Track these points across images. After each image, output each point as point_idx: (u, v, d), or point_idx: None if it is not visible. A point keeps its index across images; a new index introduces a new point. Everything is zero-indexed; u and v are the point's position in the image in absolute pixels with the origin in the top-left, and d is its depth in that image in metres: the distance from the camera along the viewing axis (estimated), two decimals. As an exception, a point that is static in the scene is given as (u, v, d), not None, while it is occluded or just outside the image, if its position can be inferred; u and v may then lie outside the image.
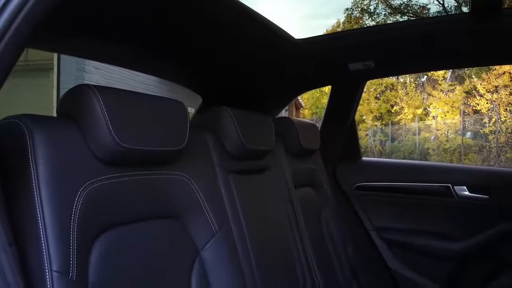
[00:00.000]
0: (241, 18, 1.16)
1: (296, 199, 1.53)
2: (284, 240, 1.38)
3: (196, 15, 1.08)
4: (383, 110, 16.75)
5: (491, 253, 1.84)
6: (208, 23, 1.14)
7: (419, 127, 14.35)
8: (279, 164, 1.51)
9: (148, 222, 0.87)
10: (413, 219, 1.97)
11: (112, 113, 0.77)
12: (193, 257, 0.95)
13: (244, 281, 1.08)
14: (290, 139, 1.57)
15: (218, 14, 1.11)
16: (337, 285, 1.63)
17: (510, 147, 11.83)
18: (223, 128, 1.19)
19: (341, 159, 2.11)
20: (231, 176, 1.19)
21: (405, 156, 13.49)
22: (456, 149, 12.87)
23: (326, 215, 1.74)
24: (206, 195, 1.01)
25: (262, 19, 1.21)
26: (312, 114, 18.03)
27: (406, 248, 1.95)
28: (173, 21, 1.08)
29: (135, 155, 0.82)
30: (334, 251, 1.69)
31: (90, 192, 0.74)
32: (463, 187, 1.90)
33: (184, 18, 1.08)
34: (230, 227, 1.10)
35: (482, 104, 13.51)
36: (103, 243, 0.76)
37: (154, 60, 1.36)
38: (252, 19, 1.20)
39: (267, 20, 1.24)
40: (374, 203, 2.03)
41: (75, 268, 0.68)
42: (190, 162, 1.00)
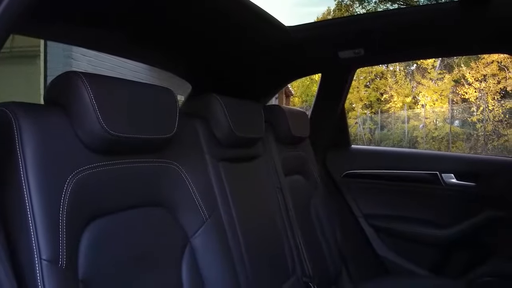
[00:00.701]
0: (231, 4, 1.15)
1: (286, 186, 1.54)
2: (274, 227, 1.39)
3: (185, 2, 1.07)
4: (372, 98, 16.81)
5: (477, 239, 1.88)
6: (197, 9, 1.12)
7: (408, 115, 14.44)
8: (269, 152, 1.51)
9: (138, 210, 0.87)
10: (401, 206, 1.99)
11: (100, 101, 0.76)
12: (183, 245, 0.95)
13: (234, 268, 1.08)
14: (280, 127, 1.57)
15: (207, 1, 1.10)
16: (327, 271, 1.65)
17: (497, 136, 11.98)
18: (212, 115, 1.19)
19: (330, 147, 2.12)
20: (221, 164, 1.19)
21: (394, 144, 13.60)
22: (444, 137, 13.00)
23: (316, 203, 1.75)
24: (196, 183, 1.01)
25: (252, 5, 1.20)
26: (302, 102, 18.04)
27: (394, 235, 1.98)
28: (162, 8, 1.06)
29: (124, 143, 0.82)
30: (323, 238, 1.71)
31: (79, 180, 0.74)
32: (450, 174, 1.93)
33: (173, 5, 1.06)
34: (220, 215, 1.10)
35: (470, 93, 13.63)
36: (92, 231, 0.76)
37: (143, 47, 1.35)
38: (242, 6, 1.19)
39: (257, 6, 1.23)
40: (363, 190, 2.05)
41: (64, 257, 0.68)
42: (180, 150, 1.00)
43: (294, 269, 1.41)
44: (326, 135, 2.09)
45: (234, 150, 1.27)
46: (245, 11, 1.22)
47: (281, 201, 1.48)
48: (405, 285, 1.67)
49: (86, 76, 0.77)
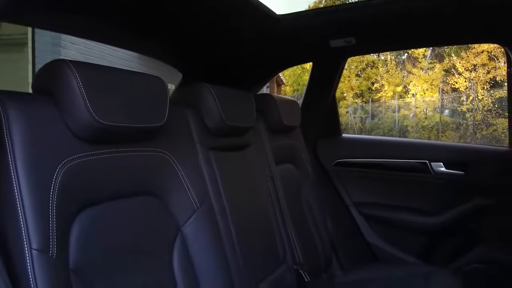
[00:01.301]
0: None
1: (277, 175, 1.54)
2: (265, 216, 1.39)
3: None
4: (363, 88, 16.84)
5: (465, 227, 1.91)
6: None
7: (399, 104, 14.51)
8: (260, 141, 1.51)
9: (128, 199, 0.87)
10: (391, 195, 2.01)
11: (90, 89, 0.76)
12: (175, 233, 0.96)
13: (226, 256, 1.09)
14: (271, 115, 1.57)
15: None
16: (317, 259, 1.67)
17: (486, 125, 12.09)
18: (203, 104, 1.18)
19: (321, 135, 2.13)
20: (212, 153, 1.19)
21: (385, 133, 13.67)
22: (434, 126, 13.09)
23: (307, 191, 1.76)
24: (187, 172, 1.01)
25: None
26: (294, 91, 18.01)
27: (384, 223, 2.00)
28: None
29: (114, 132, 0.81)
30: (314, 226, 1.72)
31: (68, 169, 0.73)
32: (439, 163, 1.95)
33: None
34: (211, 204, 1.10)
35: (460, 82, 13.70)
36: (83, 220, 0.76)
37: (133, 35, 1.33)
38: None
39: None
40: (353, 179, 2.07)
41: (55, 246, 0.68)
42: (171, 139, 1.00)
43: (284, 256, 1.42)
44: (317, 124, 2.09)
45: (225, 139, 1.27)
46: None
47: (272, 189, 1.49)
48: (393, 272, 1.70)
49: (75, 64, 0.76)
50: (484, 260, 1.86)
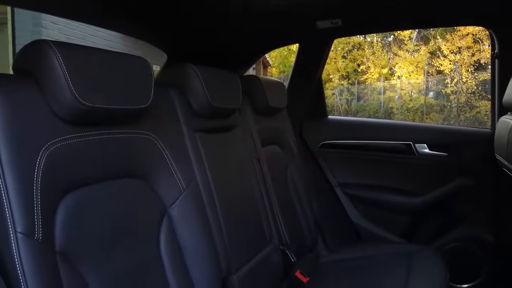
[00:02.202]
0: None
1: (263, 157, 1.55)
2: (251, 197, 1.40)
3: None
4: (349, 69, 16.85)
5: (447, 207, 1.95)
6: None
7: (384, 86, 14.58)
8: (246, 123, 1.51)
9: (114, 181, 0.87)
10: (375, 176, 2.04)
11: (72, 70, 0.74)
12: (161, 215, 0.96)
13: (212, 237, 1.10)
14: (257, 97, 1.57)
15: None
16: (303, 238, 1.69)
17: (470, 107, 12.26)
18: (189, 86, 1.17)
19: (307, 117, 2.13)
20: (198, 135, 1.19)
21: (370, 115, 13.76)
22: (418, 108, 13.22)
23: (292, 173, 1.77)
24: (172, 154, 1.00)
25: None
26: (280, 73, 17.93)
27: (368, 203, 2.04)
28: None
29: (98, 114, 0.80)
30: (300, 207, 1.74)
31: (52, 152, 0.72)
32: (423, 144, 1.98)
33: None
34: (198, 185, 1.11)
35: (445, 65, 13.80)
36: (68, 203, 0.75)
37: (116, 16, 1.31)
38: None
39: None
40: (339, 160, 2.09)
41: (40, 229, 0.68)
42: (156, 121, 0.99)
43: (271, 237, 1.44)
44: (303, 105, 2.09)
45: (211, 120, 1.26)
46: None
47: (258, 171, 1.49)
48: (377, 250, 1.73)
49: (57, 45, 0.74)
50: (464, 238, 1.91)
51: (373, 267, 1.59)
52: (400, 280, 1.45)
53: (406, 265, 1.55)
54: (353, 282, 1.52)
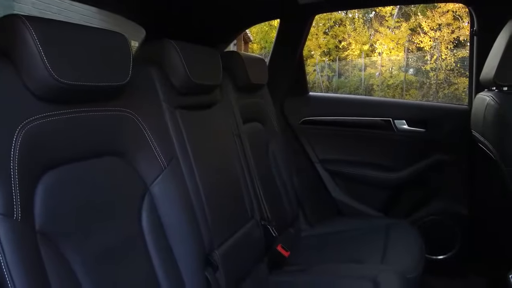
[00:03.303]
0: None
1: (244, 133, 1.55)
2: (232, 173, 1.41)
3: None
4: (331, 46, 16.80)
5: (424, 181, 2.00)
6: None
7: (365, 63, 14.62)
8: (227, 99, 1.51)
9: (93, 160, 0.86)
10: (355, 151, 2.07)
11: (47, 47, 0.72)
12: (142, 193, 0.96)
13: (194, 213, 1.10)
14: (238, 73, 1.56)
15: None
16: (284, 214, 1.72)
17: (448, 84, 12.43)
18: (168, 62, 1.15)
19: (289, 94, 2.13)
20: (178, 112, 1.18)
21: (351, 92, 13.83)
22: (398, 85, 13.34)
23: (274, 149, 1.78)
24: (153, 131, 0.99)
25: None
26: (261, 49, 17.77)
27: (348, 178, 2.07)
28: None
29: (75, 91, 0.79)
30: (281, 183, 1.76)
31: (29, 131, 0.71)
32: (402, 121, 2.01)
33: None
34: (179, 162, 1.10)
35: (425, 42, 13.88)
36: (47, 182, 0.75)
37: None
38: None
39: None
40: (319, 136, 2.11)
41: (19, 209, 0.67)
42: (135, 98, 0.98)
43: (252, 213, 1.46)
44: (284, 82, 2.09)
45: (191, 97, 1.25)
46: None
47: (240, 147, 1.50)
48: (356, 224, 1.78)
49: (30, 20, 0.72)
50: (440, 212, 1.97)
51: (352, 240, 1.64)
52: (378, 253, 1.49)
53: (384, 238, 1.60)
54: (333, 254, 1.56)
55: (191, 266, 1.00)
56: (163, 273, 0.93)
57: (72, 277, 0.74)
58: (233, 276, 1.23)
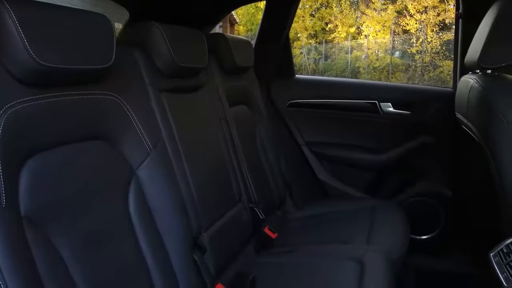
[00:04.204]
0: None
1: (231, 116, 1.55)
2: (219, 156, 1.41)
3: None
4: (317, 28, 16.72)
5: (409, 163, 2.03)
6: None
7: (352, 45, 14.60)
8: (212, 82, 1.49)
9: (78, 144, 0.85)
10: (342, 134, 2.08)
11: (28, 29, 0.70)
12: (129, 177, 0.95)
13: (181, 197, 1.10)
14: (223, 56, 1.55)
15: None
16: (271, 197, 1.73)
17: (434, 67, 12.50)
18: (153, 44, 1.14)
19: (275, 76, 2.13)
20: (163, 95, 1.17)
21: (337, 74, 13.84)
22: (385, 68, 13.38)
23: (260, 132, 1.78)
24: (138, 115, 0.99)
25: None
26: (247, 31, 17.60)
27: (335, 161, 2.09)
28: None
29: (57, 74, 0.77)
30: (268, 166, 1.76)
31: (11, 115, 0.70)
32: (388, 103, 2.02)
33: None
34: (165, 146, 1.10)
35: (411, 24, 13.89)
36: (32, 167, 0.74)
37: None
38: None
39: None
40: (306, 119, 2.11)
41: (3, 195, 0.66)
42: (120, 81, 0.96)
43: (240, 196, 1.46)
44: (270, 64, 2.08)
45: (177, 80, 1.24)
46: None
47: (226, 131, 1.49)
48: (343, 206, 1.80)
49: (10, 2, 0.70)
50: (424, 193, 2.00)
51: (339, 222, 1.66)
52: (364, 233, 1.52)
53: (369, 219, 1.62)
54: (319, 236, 1.58)
55: (179, 249, 1.01)
56: (151, 256, 0.94)
57: (60, 262, 0.74)
58: (221, 258, 1.24)
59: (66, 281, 0.74)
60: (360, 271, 1.24)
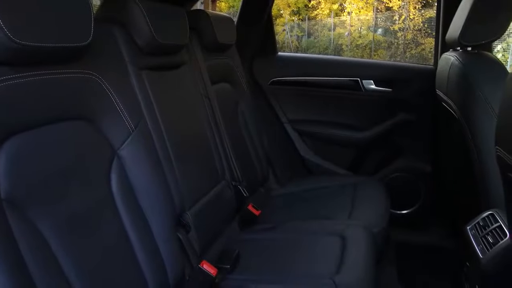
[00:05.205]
0: None
1: (213, 95, 1.54)
2: (202, 135, 1.41)
3: None
4: (300, 5, 16.55)
5: (390, 140, 2.06)
6: None
7: (335, 22, 14.53)
8: (194, 60, 1.48)
9: (58, 124, 0.83)
10: (324, 111, 2.10)
11: (2, 7, 0.68)
12: (111, 157, 0.94)
13: (164, 176, 1.10)
14: (205, 33, 1.53)
15: None
16: (254, 174, 1.74)
17: (415, 44, 12.55)
18: (132, 21, 1.11)
19: (257, 54, 2.11)
20: (144, 73, 1.15)
21: (320, 52, 13.80)
22: (367, 45, 13.38)
23: (243, 110, 1.78)
24: (118, 94, 0.97)
25: None
26: (229, 8, 17.33)
27: (317, 138, 2.11)
28: None
29: (33, 52, 0.75)
30: (251, 143, 1.77)
31: None
32: (370, 81, 2.03)
33: None
34: (147, 125, 1.09)
35: (394, 1, 13.86)
36: (10, 148, 0.72)
37: None
38: None
39: None
40: (289, 97, 2.11)
41: None
42: (99, 60, 0.94)
43: (223, 174, 1.47)
44: (253, 42, 2.06)
45: (157, 58, 1.22)
46: None
47: (209, 109, 1.49)
48: (326, 183, 1.82)
49: None
50: (405, 169, 2.04)
51: (321, 198, 1.68)
52: (346, 209, 1.55)
53: (351, 195, 1.65)
54: (302, 211, 1.61)
55: (163, 228, 1.01)
56: (135, 235, 0.94)
57: (43, 244, 0.74)
58: (205, 236, 1.25)
59: (50, 263, 0.74)
60: (342, 245, 1.27)
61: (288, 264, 1.22)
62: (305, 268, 1.20)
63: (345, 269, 1.15)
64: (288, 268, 1.20)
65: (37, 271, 0.70)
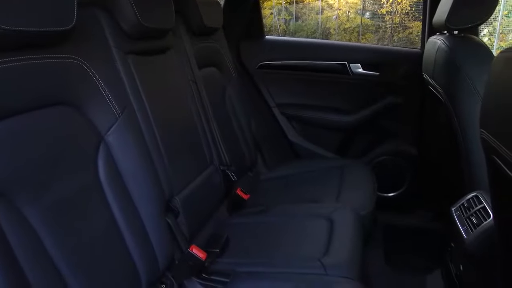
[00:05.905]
0: None
1: (200, 79, 1.53)
2: (189, 120, 1.40)
3: None
4: (288, -12, 16.42)
5: (377, 124, 2.07)
6: None
7: (322, 6, 14.43)
8: (181, 44, 1.46)
9: (43, 110, 0.82)
10: (312, 95, 2.10)
11: None
12: (97, 143, 0.93)
13: (152, 161, 1.10)
14: (191, 16, 1.51)
15: None
16: (243, 159, 1.74)
17: (403, 28, 12.55)
18: (117, 4, 1.09)
19: (245, 37, 2.10)
20: (130, 57, 1.14)
21: (308, 35, 13.73)
22: (355, 29, 13.33)
23: (230, 94, 1.77)
24: (104, 79, 0.95)
25: None
26: (217, -9, 17.12)
27: (305, 122, 2.11)
28: None
29: (17, 38, 0.73)
30: (238, 128, 1.77)
31: None
32: (357, 64, 2.03)
33: None
34: (133, 110, 1.08)
35: (382, -17, 13.81)
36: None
37: None
38: None
39: None
40: (276, 81, 2.11)
41: None
42: (83, 44, 0.93)
43: (211, 158, 1.47)
44: (240, 25, 2.05)
45: (143, 42, 1.20)
46: None
47: (196, 93, 1.48)
48: (313, 166, 1.84)
49: None
50: (391, 152, 2.07)
51: (310, 181, 1.70)
52: (333, 192, 1.56)
53: (339, 177, 1.67)
54: (291, 194, 1.62)
55: (152, 213, 1.01)
56: (123, 221, 0.94)
57: (31, 232, 0.73)
58: (194, 221, 1.26)
59: (38, 250, 0.73)
60: (330, 227, 1.28)
61: (276, 247, 1.24)
62: (294, 250, 1.21)
63: (333, 250, 1.17)
64: (276, 251, 1.22)
65: (26, 262, 0.69)
